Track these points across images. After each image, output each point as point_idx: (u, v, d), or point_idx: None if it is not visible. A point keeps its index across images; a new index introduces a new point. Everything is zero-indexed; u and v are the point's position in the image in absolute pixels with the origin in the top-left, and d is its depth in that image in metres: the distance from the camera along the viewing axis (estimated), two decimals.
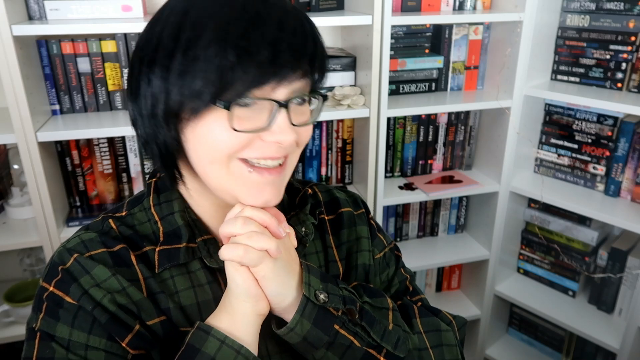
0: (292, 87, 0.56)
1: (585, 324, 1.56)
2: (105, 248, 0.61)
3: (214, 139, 0.55)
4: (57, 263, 0.60)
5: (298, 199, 0.74)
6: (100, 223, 0.65)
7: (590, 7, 1.46)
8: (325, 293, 0.60)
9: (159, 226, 0.64)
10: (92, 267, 0.59)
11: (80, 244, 0.62)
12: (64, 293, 0.58)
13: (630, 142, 1.45)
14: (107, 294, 0.58)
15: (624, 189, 1.49)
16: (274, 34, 0.53)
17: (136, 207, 0.67)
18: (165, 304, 0.61)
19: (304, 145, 0.63)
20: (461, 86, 1.64)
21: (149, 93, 0.56)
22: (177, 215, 0.64)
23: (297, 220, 0.70)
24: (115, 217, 0.66)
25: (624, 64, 1.42)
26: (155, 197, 0.66)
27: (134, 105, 0.59)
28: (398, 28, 1.52)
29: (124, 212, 0.66)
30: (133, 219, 0.66)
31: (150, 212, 0.65)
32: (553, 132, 1.62)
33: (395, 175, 1.68)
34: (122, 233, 0.64)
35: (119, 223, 0.64)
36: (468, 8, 1.55)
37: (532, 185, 1.60)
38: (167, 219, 0.64)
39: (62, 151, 1.39)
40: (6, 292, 1.39)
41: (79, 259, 0.60)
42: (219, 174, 0.58)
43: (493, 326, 1.86)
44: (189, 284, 0.63)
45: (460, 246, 1.77)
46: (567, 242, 1.65)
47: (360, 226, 0.76)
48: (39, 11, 1.24)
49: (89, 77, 1.35)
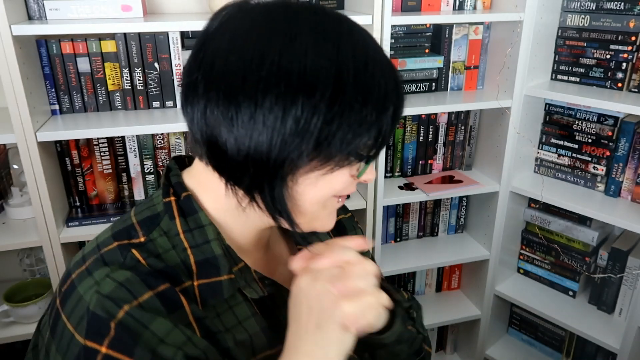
0: None
1: (585, 324, 1.56)
2: (151, 290, 0.52)
3: (334, 185, 0.56)
4: (102, 317, 0.49)
5: None
6: (120, 254, 0.55)
7: (590, 7, 1.46)
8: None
9: (189, 254, 0.57)
10: (149, 321, 0.50)
11: (119, 288, 0.51)
12: (127, 356, 0.49)
13: (631, 142, 1.45)
14: (177, 350, 0.50)
15: (624, 189, 1.49)
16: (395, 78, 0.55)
17: (154, 231, 0.57)
18: (225, 343, 0.56)
19: None
20: (461, 86, 1.64)
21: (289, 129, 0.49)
22: (213, 243, 0.57)
23: (315, 236, 0.72)
24: (136, 246, 0.56)
25: (624, 63, 1.42)
26: (182, 221, 0.58)
27: (248, 134, 0.50)
28: (398, 28, 1.52)
29: (141, 237, 0.57)
30: (156, 247, 0.56)
31: (177, 239, 0.57)
32: (553, 132, 1.62)
33: (395, 175, 1.68)
34: (155, 267, 0.54)
35: (145, 254, 0.55)
36: (468, 8, 1.55)
37: (532, 185, 1.60)
38: (201, 248, 0.57)
39: (62, 151, 1.39)
40: (6, 292, 1.39)
41: (131, 311, 0.50)
42: (316, 209, 0.58)
43: (493, 326, 1.86)
44: (235, 320, 0.58)
45: (460, 246, 1.77)
46: (568, 242, 1.65)
47: (351, 232, 0.80)
48: (39, 11, 1.24)
49: (89, 77, 1.35)
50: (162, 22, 1.24)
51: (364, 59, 0.51)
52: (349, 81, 0.50)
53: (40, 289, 1.42)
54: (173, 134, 1.44)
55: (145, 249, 0.56)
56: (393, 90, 0.53)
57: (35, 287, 1.43)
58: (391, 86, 0.53)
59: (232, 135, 0.51)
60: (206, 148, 0.54)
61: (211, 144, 0.53)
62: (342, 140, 0.51)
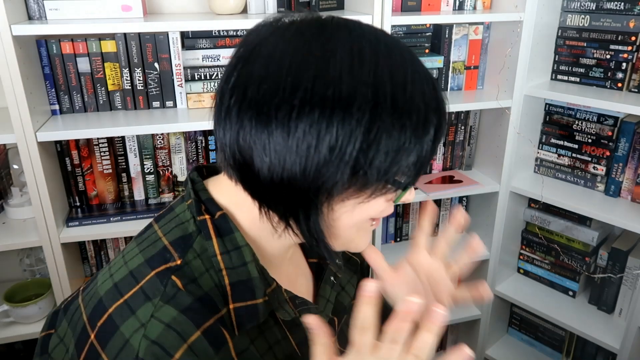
0: None
1: (585, 324, 1.56)
2: (199, 330, 0.50)
3: (370, 212, 0.54)
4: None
5: None
6: (160, 283, 0.52)
7: (590, 7, 1.46)
8: None
9: (224, 275, 0.54)
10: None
11: (167, 331, 0.49)
12: None
13: (631, 142, 1.45)
14: None
15: (624, 189, 1.49)
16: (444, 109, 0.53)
17: (189, 253, 0.55)
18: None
19: None
20: (461, 86, 1.64)
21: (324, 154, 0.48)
22: (250, 265, 0.55)
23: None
24: (174, 271, 0.53)
25: (624, 63, 1.42)
26: (220, 242, 0.55)
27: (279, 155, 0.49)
28: (398, 28, 1.52)
29: (177, 260, 0.54)
30: (192, 271, 0.54)
31: (213, 261, 0.55)
32: (553, 132, 1.62)
33: None
34: (195, 294, 0.52)
35: (184, 280, 0.52)
36: (468, 8, 1.55)
37: (532, 185, 1.60)
38: (237, 270, 0.55)
39: (62, 151, 1.39)
40: (6, 292, 1.39)
41: (184, 358, 0.48)
42: (351, 233, 0.57)
43: (493, 326, 1.86)
44: (267, 345, 0.56)
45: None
46: (567, 242, 1.65)
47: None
48: (39, 11, 1.24)
49: (89, 77, 1.35)
50: (162, 22, 1.24)
51: (403, 81, 0.49)
52: (386, 105, 0.48)
53: (40, 289, 1.42)
54: (173, 134, 1.44)
55: (182, 273, 0.53)
56: (434, 111, 0.50)
57: (35, 287, 1.43)
58: (432, 107, 0.50)
59: (265, 163, 0.49)
60: (239, 172, 0.52)
61: (244, 168, 0.51)
62: (379, 169, 0.49)
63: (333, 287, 0.67)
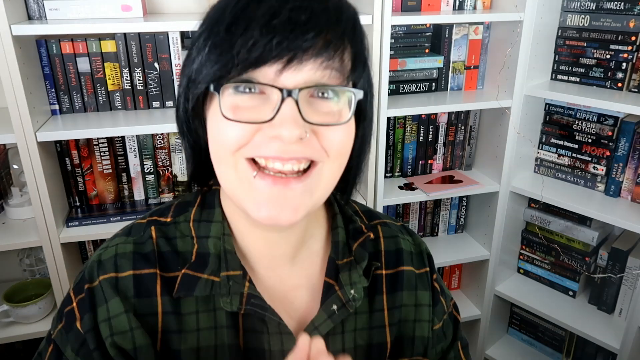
0: (304, 74, 0.47)
1: (585, 324, 1.56)
2: (133, 270, 0.56)
3: (217, 131, 0.50)
4: (86, 279, 0.57)
5: (356, 245, 0.62)
6: (144, 228, 0.60)
7: (590, 6, 1.46)
8: None
9: (194, 243, 0.58)
10: (110, 297, 0.55)
11: (112, 259, 0.57)
12: (80, 316, 0.56)
13: (631, 142, 1.45)
14: (111, 335, 0.54)
15: (624, 189, 1.49)
16: (274, 5, 0.46)
17: (182, 216, 0.61)
18: (177, 345, 0.55)
19: (339, 157, 0.52)
20: (461, 86, 1.64)
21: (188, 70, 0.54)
22: (210, 241, 0.58)
23: (347, 277, 0.59)
24: (159, 225, 0.60)
25: (624, 63, 1.42)
26: (198, 211, 0.60)
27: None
28: (398, 28, 1.52)
29: (169, 217, 0.61)
30: (176, 230, 0.59)
31: (188, 226, 0.60)
32: (553, 132, 1.62)
33: (395, 175, 1.68)
34: (160, 248, 0.58)
35: (160, 234, 0.59)
36: (468, 8, 1.55)
37: (532, 185, 1.60)
38: (201, 241, 0.58)
39: (62, 151, 1.39)
40: (6, 292, 1.39)
41: (104, 282, 0.56)
42: (229, 176, 0.51)
43: (493, 326, 1.86)
44: (212, 324, 0.56)
45: (460, 246, 1.77)
46: (568, 242, 1.65)
47: (421, 290, 0.65)
48: (39, 11, 1.24)
49: (89, 77, 1.35)
50: (162, 22, 1.24)
51: None
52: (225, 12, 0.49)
53: (40, 289, 1.42)
54: (173, 134, 1.44)
55: (165, 229, 0.60)
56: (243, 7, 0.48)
57: (35, 287, 1.43)
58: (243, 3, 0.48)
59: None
60: None
61: None
62: (190, 66, 0.52)
63: (331, 316, 0.58)
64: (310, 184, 0.50)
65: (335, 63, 0.48)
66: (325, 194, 0.53)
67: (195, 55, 0.51)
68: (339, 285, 0.59)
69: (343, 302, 0.58)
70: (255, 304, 0.56)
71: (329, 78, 0.48)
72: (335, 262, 0.61)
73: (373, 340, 0.61)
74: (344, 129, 0.51)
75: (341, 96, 0.50)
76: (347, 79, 0.50)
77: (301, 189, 0.50)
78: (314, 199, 0.52)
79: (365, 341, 0.61)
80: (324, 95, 0.49)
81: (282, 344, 0.56)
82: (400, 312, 0.64)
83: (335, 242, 0.62)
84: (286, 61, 0.46)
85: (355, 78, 0.51)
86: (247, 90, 0.48)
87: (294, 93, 0.46)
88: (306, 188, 0.50)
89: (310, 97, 0.49)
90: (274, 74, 0.47)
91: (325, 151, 0.50)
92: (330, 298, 0.58)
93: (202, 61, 0.49)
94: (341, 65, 0.49)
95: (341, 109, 0.50)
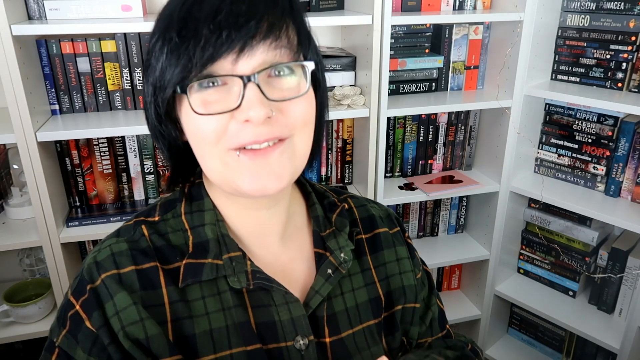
0: (257, 58, 0.51)
1: (585, 324, 1.56)
2: (134, 265, 0.58)
3: (191, 130, 0.55)
4: (86, 280, 0.58)
5: (335, 216, 0.69)
6: (133, 228, 0.62)
7: (590, 7, 1.46)
8: None
9: (189, 235, 0.61)
10: (116, 292, 0.57)
11: (110, 257, 0.59)
12: (87, 316, 0.56)
13: (631, 142, 1.45)
14: (123, 328, 0.56)
15: (624, 189, 1.49)
16: (215, 2, 0.51)
17: (169, 213, 0.64)
18: (190, 330, 0.58)
19: (305, 125, 0.57)
20: (461, 86, 1.64)
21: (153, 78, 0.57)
22: (207, 227, 0.61)
23: (335, 244, 0.66)
24: (148, 223, 0.62)
25: (624, 63, 1.42)
26: (187, 204, 0.63)
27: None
28: (398, 28, 1.52)
29: (156, 216, 0.63)
30: (166, 226, 0.62)
31: (181, 220, 0.63)
32: (553, 132, 1.62)
33: (395, 175, 1.68)
34: (155, 243, 0.60)
35: (151, 230, 0.61)
36: (468, 8, 1.55)
37: (532, 185, 1.60)
38: (197, 230, 0.61)
39: (62, 151, 1.39)
40: (6, 292, 1.39)
41: (107, 280, 0.57)
42: (216, 167, 0.56)
43: (493, 326, 1.86)
44: (219, 306, 0.59)
45: (460, 246, 1.77)
46: (568, 242, 1.65)
47: (399, 246, 0.73)
48: (39, 11, 1.24)
49: (89, 77, 1.35)
50: None
51: None
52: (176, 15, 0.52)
53: (40, 289, 1.42)
54: None
55: (154, 226, 0.62)
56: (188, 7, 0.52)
57: (35, 287, 1.43)
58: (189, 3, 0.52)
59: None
60: None
61: None
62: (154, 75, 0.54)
63: (328, 279, 0.63)
64: (285, 149, 0.55)
65: (283, 41, 0.53)
66: (302, 161, 0.59)
67: (154, 63, 0.54)
68: (329, 251, 0.65)
69: (336, 265, 0.64)
70: (262, 278, 0.60)
71: (280, 57, 0.53)
72: (320, 235, 0.67)
73: (370, 295, 0.68)
74: (305, 99, 0.55)
75: (296, 70, 0.55)
76: (296, 53, 0.55)
77: (278, 154, 0.55)
78: (293, 165, 0.57)
79: (364, 298, 0.68)
80: (280, 73, 0.54)
81: (290, 312, 0.61)
82: (386, 269, 0.71)
83: (316, 217, 0.68)
84: (238, 50, 0.50)
85: (304, 51, 0.56)
86: (211, 84, 0.52)
87: (253, 77, 0.51)
88: (283, 154, 0.55)
89: (268, 78, 0.53)
90: (230, 65, 0.51)
91: (293, 126, 0.55)
92: (324, 264, 0.64)
93: (162, 67, 0.53)
94: (288, 42, 0.53)
95: (298, 82, 0.55)
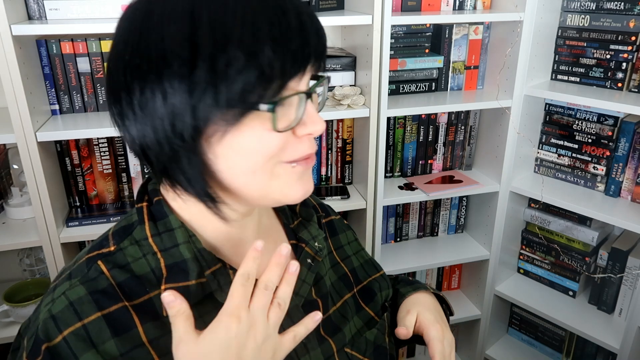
0: (308, 76, 0.53)
1: (585, 324, 1.56)
2: (100, 311, 0.51)
3: (255, 146, 0.50)
4: (41, 339, 0.50)
5: (299, 207, 0.72)
6: (86, 266, 0.55)
7: (590, 7, 1.46)
8: None
9: (159, 258, 0.56)
10: (82, 352, 0.49)
11: (68, 308, 0.51)
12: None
13: (631, 142, 1.45)
14: None
15: (625, 189, 1.49)
16: (297, 20, 0.48)
17: (126, 240, 0.57)
18: None
19: None
20: (461, 86, 1.64)
21: (166, 112, 0.48)
22: (182, 247, 0.56)
23: (307, 234, 0.68)
24: (104, 256, 0.55)
25: (624, 63, 1.42)
26: (152, 226, 0.57)
27: (136, 128, 0.50)
28: (398, 28, 1.52)
29: (111, 246, 0.57)
30: (125, 257, 0.56)
31: (146, 245, 0.56)
32: (553, 132, 1.62)
33: (395, 175, 1.68)
34: (116, 279, 0.54)
35: (110, 265, 0.55)
36: (468, 8, 1.55)
37: (532, 185, 1.60)
38: (170, 252, 0.56)
39: (62, 151, 1.39)
40: (6, 292, 1.39)
41: (70, 338, 0.50)
42: (262, 181, 0.52)
43: (493, 326, 1.86)
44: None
45: (460, 246, 1.77)
46: (568, 242, 1.65)
47: (347, 231, 0.81)
48: (39, 11, 1.24)
49: (89, 77, 1.35)
50: None
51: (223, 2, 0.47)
52: (202, 30, 0.45)
53: (40, 289, 1.42)
54: None
55: (112, 259, 0.55)
56: (270, 22, 0.47)
57: (35, 287, 1.43)
58: (266, 17, 0.47)
59: (126, 132, 0.52)
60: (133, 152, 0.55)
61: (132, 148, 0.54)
62: (215, 96, 0.46)
63: (310, 268, 0.65)
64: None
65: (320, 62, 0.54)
66: None
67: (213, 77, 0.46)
68: (304, 242, 0.67)
69: (313, 255, 0.67)
70: None
71: (321, 69, 0.55)
72: (290, 227, 0.69)
73: (339, 274, 0.73)
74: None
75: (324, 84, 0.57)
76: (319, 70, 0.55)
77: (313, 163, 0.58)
78: None
79: (335, 276, 0.73)
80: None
81: None
82: (344, 251, 0.77)
83: (282, 210, 0.70)
84: (305, 68, 0.51)
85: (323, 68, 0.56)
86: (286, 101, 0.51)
87: (310, 93, 0.52)
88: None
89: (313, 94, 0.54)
90: (296, 81, 0.51)
91: None
92: (302, 255, 0.66)
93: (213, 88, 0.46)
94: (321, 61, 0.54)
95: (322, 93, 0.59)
